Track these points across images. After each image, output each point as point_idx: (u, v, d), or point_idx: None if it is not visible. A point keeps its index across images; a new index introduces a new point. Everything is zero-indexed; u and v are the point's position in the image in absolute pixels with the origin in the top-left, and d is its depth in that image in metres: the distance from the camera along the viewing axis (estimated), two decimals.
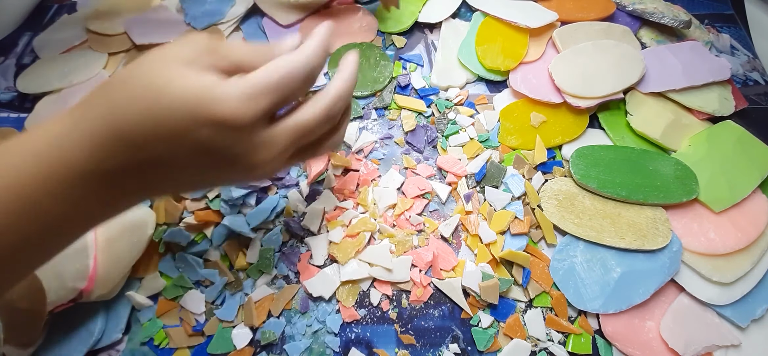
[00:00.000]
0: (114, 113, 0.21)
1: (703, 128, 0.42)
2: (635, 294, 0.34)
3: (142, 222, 0.37)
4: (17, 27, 0.54)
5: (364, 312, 0.35)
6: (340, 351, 0.33)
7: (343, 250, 0.36)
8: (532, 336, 0.33)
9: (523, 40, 0.48)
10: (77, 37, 0.51)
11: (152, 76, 0.22)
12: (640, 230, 0.36)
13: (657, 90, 0.44)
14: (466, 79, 0.47)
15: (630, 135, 0.42)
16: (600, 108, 0.44)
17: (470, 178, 0.40)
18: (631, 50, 0.45)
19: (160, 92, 0.21)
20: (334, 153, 0.41)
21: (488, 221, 0.38)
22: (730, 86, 0.45)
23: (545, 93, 0.44)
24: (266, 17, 0.51)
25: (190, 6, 0.52)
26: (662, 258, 0.35)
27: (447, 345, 0.33)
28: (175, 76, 0.21)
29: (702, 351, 0.32)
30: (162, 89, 0.21)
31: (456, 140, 0.42)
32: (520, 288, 0.35)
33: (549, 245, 0.37)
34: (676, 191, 0.38)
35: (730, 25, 0.53)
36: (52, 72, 0.48)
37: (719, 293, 0.34)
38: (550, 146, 0.42)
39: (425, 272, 0.36)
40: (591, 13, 0.50)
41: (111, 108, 0.21)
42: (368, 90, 0.45)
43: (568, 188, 0.39)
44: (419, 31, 0.52)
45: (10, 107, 0.47)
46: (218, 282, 0.36)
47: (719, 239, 0.36)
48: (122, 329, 0.34)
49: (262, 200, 0.39)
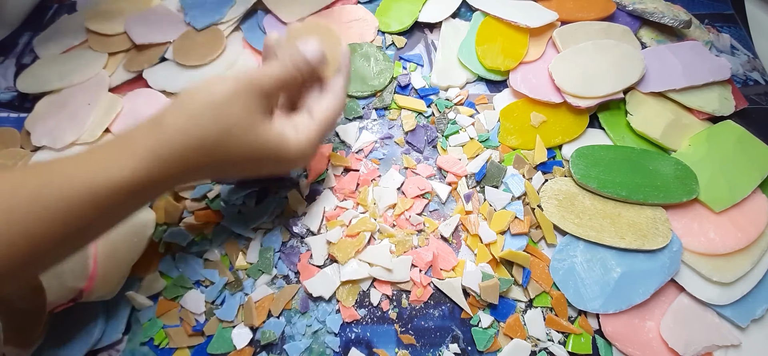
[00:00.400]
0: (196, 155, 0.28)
1: (703, 127, 0.42)
2: (635, 294, 0.34)
3: (142, 222, 0.37)
4: (17, 27, 0.54)
5: (364, 312, 0.35)
6: (340, 351, 0.33)
7: (343, 250, 0.36)
8: (532, 336, 0.33)
9: (523, 40, 0.48)
10: (77, 37, 0.51)
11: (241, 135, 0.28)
12: (640, 230, 0.36)
13: (657, 90, 0.44)
14: (466, 79, 0.47)
15: (630, 135, 0.42)
16: (600, 108, 0.44)
17: (470, 178, 0.40)
18: (631, 50, 0.45)
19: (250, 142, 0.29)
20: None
21: (488, 221, 0.38)
22: (730, 86, 0.45)
23: (545, 93, 0.44)
24: (267, 16, 0.51)
25: (190, 6, 0.52)
26: (662, 258, 0.35)
27: (447, 345, 0.33)
28: (254, 137, 0.29)
29: (702, 351, 0.32)
30: (250, 143, 0.29)
31: (456, 140, 0.42)
32: (520, 288, 0.35)
33: (549, 245, 0.37)
34: (676, 191, 0.38)
35: (730, 24, 0.53)
36: (52, 72, 0.48)
37: (719, 293, 0.34)
38: (550, 146, 0.42)
39: (425, 272, 0.36)
40: (591, 12, 0.50)
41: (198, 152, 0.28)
42: (368, 90, 0.45)
43: (568, 188, 0.39)
44: (419, 31, 0.52)
45: (10, 107, 0.47)
46: (218, 282, 0.36)
47: (719, 239, 0.36)
48: (122, 329, 0.34)
49: (262, 200, 0.39)
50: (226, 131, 0.28)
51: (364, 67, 0.47)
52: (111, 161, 0.25)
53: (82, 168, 0.25)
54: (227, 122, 0.28)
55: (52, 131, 0.43)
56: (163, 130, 0.27)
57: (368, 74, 0.46)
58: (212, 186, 0.40)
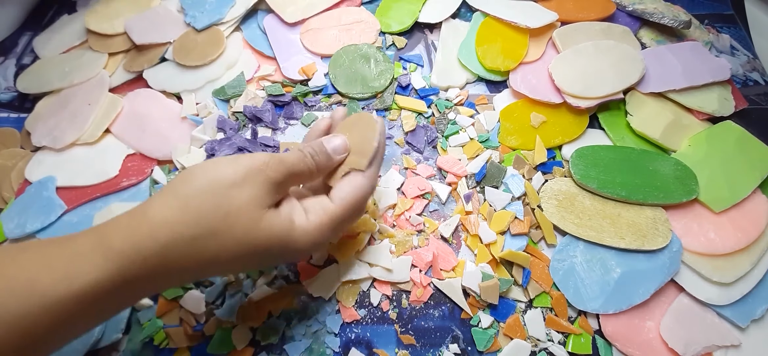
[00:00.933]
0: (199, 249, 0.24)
1: (703, 128, 0.42)
2: (635, 294, 0.34)
3: None
4: (17, 27, 0.54)
5: (364, 312, 0.35)
6: (340, 351, 0.33)
7: (343, 250, 0.36)
8: (532, 337, 0.33)
9: (523, 40, 0.48)
10: (77, 37, 0.51)
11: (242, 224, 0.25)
12: (640, 230, 0.36)
13: (657, 90, 0.44)
14: (466, 79, 0.47)
15: (630, 135, 0.42)
16: (600, 108, 0.44)
17: (470, 178, 0.40)
18: (631, 50, 0.45)
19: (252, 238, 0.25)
20: None
21: (488, 222, 0.38)
22: (730, 86, 0.45)
23: (545, 93, 0.44)
24: (268, 16, 0.51)
25: (190, 6, 0.52)
26: (662, 258, 0.35)
27: (447, 345, 0.33)
28: (257, 231, 0.25)
29: (702, 351, 0.32)
30: (251, 239, 0.25)
31: (456, 140, 0.42)
32: (520, 288, 0.35)
33: (549, 245, 0.37)
34: (676, 191, 0.38)
35: (730, 25, 0.53)
36: (52, 72, 0.48)
37: (719, 293, 0.34)
38: (550, 146, 0.42)
39: (425, 272, 0.36)
40: (591, 13, 0.50)
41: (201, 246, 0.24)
42: (369, 92, 0.45)
43: (568, 188, 0.39)
44: (419, 32, 0.52)
45: (10, 107, 0.47)
46: (218, 282, 0.36)
47: (719, 239, 0.36)
48: (122, 329, 0.34)
49: None
50: (227, 219, 0.24)
51: (364, 69, 0.47)
52: (78, 264, 0.22)
53: (45, 274, 0.21)
54: (229, 208, 0.24)
55: (52, 131, 0.43)
56: (148, 221, 0.23)
57: (369, 76, 0.46)
58: None
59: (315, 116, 0.45)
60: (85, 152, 0.42)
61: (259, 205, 0.25)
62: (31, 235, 0.38)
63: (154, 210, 0.23)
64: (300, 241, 0.27)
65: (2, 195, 0.40)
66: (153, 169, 0.41)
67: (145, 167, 0.41)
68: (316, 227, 0.27)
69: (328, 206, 0.28)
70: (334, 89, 0.46)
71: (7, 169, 0.42)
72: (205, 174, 0.24)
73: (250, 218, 0.25)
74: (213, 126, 0.43)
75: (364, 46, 0.49)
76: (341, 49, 0.48)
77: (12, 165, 0.42)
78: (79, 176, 0.40)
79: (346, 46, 0.48)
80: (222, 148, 0.41)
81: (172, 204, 0.23)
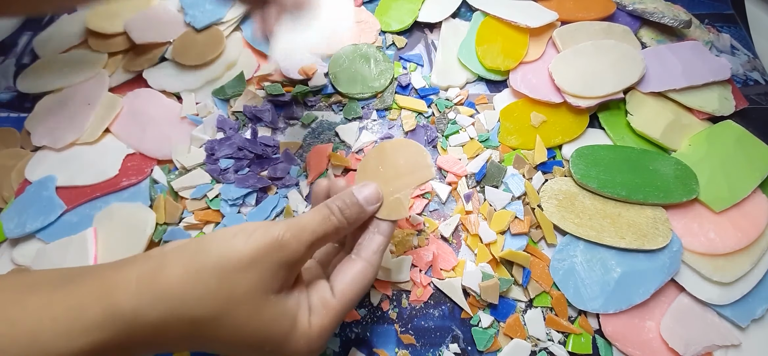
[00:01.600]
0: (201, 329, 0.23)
1: (703, 127, 0.42)
2: (635, 294, 0.34)
3: (142, 222, 0.37)
4: (17, 27, 0.54)
5: (364, 312, 0.35)
6: (340, 351, 0.33)
7: None
8: (532, 336, 0.33)
9: (523, 39, 0.48)
10: (77, 37, 0.51)
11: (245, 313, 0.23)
12: (640, 230, 0.36)
13: (657, 90, 0.44)
14: (466, 79, 0.47)
15: (630, 135, 0.42)
16: (600, 108, 0.44)
17: (470, 178, 0.40)
18: (631, 50, 0.45)
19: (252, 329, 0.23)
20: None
21: (488, 221, 0.38)
22: (730, 86, 0.45)
23: (545, 93, 0.44)
24: None
25: (190, 6, 0.52)
26: (662, 258, 0.35)
27: (447, 345, 0.33)
28: (258, 321, 0.23)
29: (702, 351, 0.32)
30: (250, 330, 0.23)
31: (456, 140, 0.42)
32: (520, 287, 0.35)
33: (549, 245, 0.37)
34: (676, 191, 0.38)
35: (730, 24, 0.53)
36: (52, 72, 0.48)
37: (719, 293, 0.34)
38: (550, 146, 0.42)
39: (425, 272, 0.36)
40: (591, 12, 0.50)
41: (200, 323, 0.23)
42: (369, 92, 0.45)
43: (568, 188, 0.39)
44: (419, 31, 0.52)
45: (10, 107, 0.47)
46: None
47: (719, 239, 0.36)
48: None
49: (262, 200, 0.39)
50: (228, 304, 0.23)
51: (364, 69, 0.47)
52: (82, 320, 0.21)
53: (48, 326, 0.21)
54: (231, 293, 0.23)
55: (52, 131, 0.43)
56: (158, 287, 0.22)
57: (369, 76, 0.46)
58: (212, 186, 0.40)
59: (315, 116, 0.45)
60: (84, 152, 0.42)
61: (264, 291, 0.23)
62: (31, 234, 0.38)
63: (165, 277, 0.22)
64: (297, 345, 0.25)
65: (2, 195, 0.40)
66: (153, 169, 0.41)
67: (145, 167, 0.41)
68: (317, 333, 0.25)
69: (330, 302, 0.26)
70: (334, 89, 0.46)
71: (7, 169, 0.42)
72: (218, 249, 0.23)
73: (252, 306, 0.23)
74: (213, 126, 0.43)
75: (364, 45, 0.49)
76: (341, 49, 0.48)
77: (12, 165, 0.42)
78: (78, 176, 0.40)
79: (346, 46, 0.48)
80: (222, 147, 0.41)
81: (182, 276, 0.23)
